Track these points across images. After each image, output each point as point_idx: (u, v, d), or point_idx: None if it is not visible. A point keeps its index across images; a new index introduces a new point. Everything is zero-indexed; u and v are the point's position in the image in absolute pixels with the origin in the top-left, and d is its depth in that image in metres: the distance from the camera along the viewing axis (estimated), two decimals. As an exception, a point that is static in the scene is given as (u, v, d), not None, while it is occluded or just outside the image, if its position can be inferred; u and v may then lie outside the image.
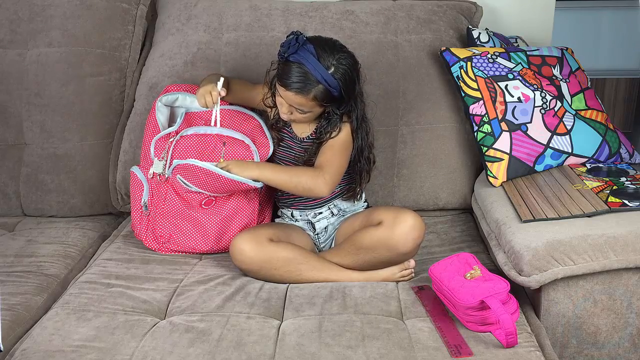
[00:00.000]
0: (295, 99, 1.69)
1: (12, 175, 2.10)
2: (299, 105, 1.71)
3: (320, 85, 1.67)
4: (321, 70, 1.67)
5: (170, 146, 1.82)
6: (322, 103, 1.70)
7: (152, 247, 1.85)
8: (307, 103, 1.70)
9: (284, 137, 1.85)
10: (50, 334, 1.44)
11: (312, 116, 1.76)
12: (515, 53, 2.00)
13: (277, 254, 1.68)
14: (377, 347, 1.38)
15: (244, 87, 1.90)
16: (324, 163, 1.75)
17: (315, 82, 1.67)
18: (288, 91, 1.69)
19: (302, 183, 1.72)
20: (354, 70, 1.72)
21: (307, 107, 1.71)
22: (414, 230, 1.66)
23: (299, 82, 1.67)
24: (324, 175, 1.72)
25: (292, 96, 1.69)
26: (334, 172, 1.74)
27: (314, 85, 1.67)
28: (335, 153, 1.76)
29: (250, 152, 1.82)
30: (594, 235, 1.51)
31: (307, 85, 1.67)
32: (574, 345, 1.58)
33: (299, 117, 1.75)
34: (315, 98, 1.69)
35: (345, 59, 1.70)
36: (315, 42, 1.70)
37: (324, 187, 1.72)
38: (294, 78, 1.67)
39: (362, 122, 1.79)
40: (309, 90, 1.67)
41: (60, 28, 2.12)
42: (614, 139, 1.96)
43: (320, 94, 1.68)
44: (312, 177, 1.72)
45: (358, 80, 1.74)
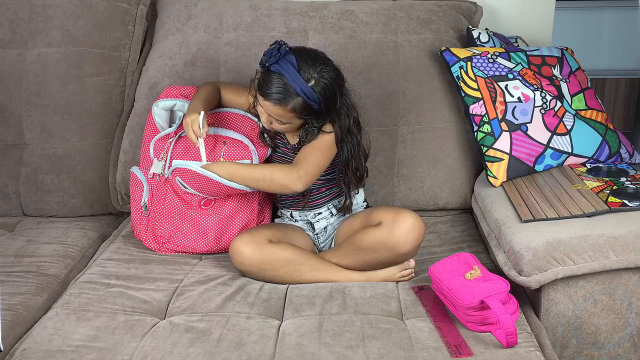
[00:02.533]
0: (274, 109, 1.68)
1: (12, 175, 2.10)
2: (277, 115, 1.70)
3: (299, 97, 1.66)
4: (301, 82, 1.65)
5: (169, 147, 1.82)
6: (300, 115, 1.69)
7: (152, 247, 1.85)
8: (286, 114, 1.69)
9: (278, 144, 1.85)
10: (50, 334, 1.44)
11: (292, 127, 1.75)
12: (515, 53, 2.00)
13: (276, 255, 1.68)
14: (377, 347, 1.38)
15: (236, 94, 1.89)
16: (300, 159, 1.74)
17: (294, 94, 1.65)
18: (267, 101, 1.68)
19: (276, 179, 1.71)
20: (336, 84, 1.70)
21: (285, 118, 1.70)
22: (413, 231, 1.66)
23: (277, 92, 1.66)
24: (298, 170, 1.71)
25: (271, 106, 1.68)
26: (309, 168, 1.72)
27: (293, 97, 1.66)
28: (312, 150, 1.75)
29: (249, 151, 1.82)
30: (594, 235, 1.51)
31: (286, 97, 1.66)
32: (574, 345, 1.58)
33: (279, 127, 1.74)
34: (294, 110, 1.67)
35: (327, 72, 1.69)
36: (297, 53, 1.68)
37: (297, 182, 1.70)
38: (273, 89, 1.66)
39: (349, 134, 1.76)
40: (288, 102, 1.66)
41: (60, 28, 2.12)
42: (614, 139, 1.96)
43: (299, 107, 1.67)
44: (286, 172, 1.72)
45: (340, 94, 1.72)
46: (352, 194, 1.85)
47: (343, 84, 1.74)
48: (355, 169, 1.80)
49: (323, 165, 1.77)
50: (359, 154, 1.81)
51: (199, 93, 1.84)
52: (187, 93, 1.92)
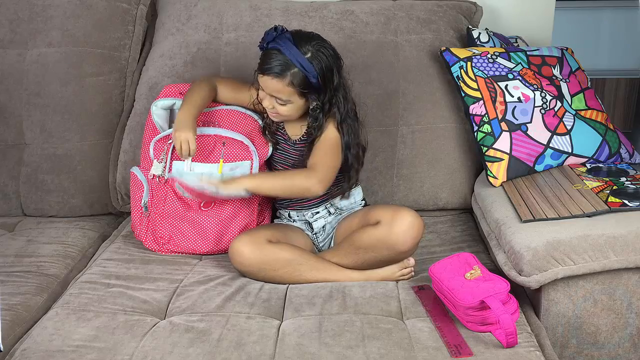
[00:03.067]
0: (273, 84, 1.70)
1: (12, 175, 2.10)
2: (277, 92, 1.71)
3: (296, 69, 1.68)
4: (297, 54, 1.68)
5: (169, 148, 1.82)
6: (299, 89, 1.70)
7: (152, 247, 1.85)
8: (285, 89, 1.70)
9: (279, 140, 1.85)
10: (50, 334, 1.44)
11: (295, 109, 1.75)
12: (515, 53, 2.00)
13: (276, 255, 1.68)
14: (377, 347, 1.38)
15: (235, 90, 1.90)
16: (315, 163, 1.74)
17: (291, 65, 1.68)
18: (265, 75, 1.70)
19: (297, 185, 1.73)
20: (334, 60, 1.73)
21: (285, 94, 1.71)
22: (412, 229, 1.66)
23: (276, 65, 1.68)
24: (316, 174, 1.72)
25: (270, 81, 1.70)
26: (326, 171, 1.74)
27: (291, 68, 1.68)
28: (325, 152, 1.76)
29: (249, 152, 1.82)
30: (594, 235, 1.51)
31: (284, 69, 1.68)
32: (574, 345, 1.58)
33: (282, 110, 1.74)
34: (292, 84, 1.69)
35: (323, 48, 1.72)
36: (294, 32, 1.73)
37: (318, 186, 1.71)
38: (271, 62, 1.69)
39: (347, 117, 1.78)
40: (285, 74, 1.68)
41: (60, 28, 2.12)
42: (614, 139, 1.96)
43: (298, 79, 1.69)
44: (305, 177, 1.73)
45: (338, 72, 1.75)
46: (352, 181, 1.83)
47: (340, 63, 1.76)
48: (356, 155, 1.80)
49: (337, 165, 1.78)
50: (358, 143, 1.81)
51: (191, 96, 1.81)
52: (185, 91, 1.91)
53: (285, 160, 1.85)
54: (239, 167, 1.83)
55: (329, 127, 1.77)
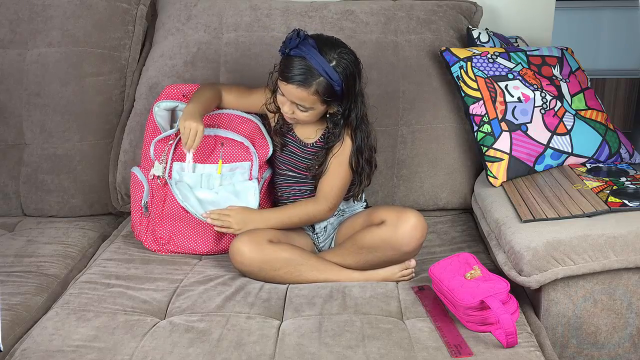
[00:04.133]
0: (297, 92, 1.68)
1: (12, 175, 2.10)
2: (300, 100, 1.69)
3: (322, 78, 1.66)
4: (323, 62, 1.66)
5: (170, 149, 1.82)
6: (323, 98, 1.69)
7: (152, 248, 1.85)
8: (309, 98, 1.69)
9: (288, 142, 1.85)
10: (50, 334, 1.44)
11: (315, 115, 1.75)
12: (515, 53, 2.00)
13: (276, 255, 1.68)
14: (377, 347, 1.37)
15: (241, 96, 1.90)
16: (327, 192, 1.77)
17: (317, 74, 1.66)
18: (289, 84, 1.68)
19: (311, 217, 1.79)
20: (356, 67, 1.72)
21: (308, 102, 1.70)
22: (417, 229, 1.66)
23: (300, 74, 1.66)
24: (326, 203, 1.77)
25: (294, 90, 1.68)
26: (336, 199, 1.78)
27: (316, 77, 1.66)
28: (337, 176, 1.77)
29: (249, 153, 1.82)
30: (594, 235, 1.51)
31: (309, 78, 1.66)
32: (574, 345, 1.58)
33: (301, 116, 1.73)
34: (317, 92, 1.68)
35: (347, 54, 1.71)
36: (316, 37, 1.71)
37: (328, 213, 1.79)
38: (296, 71, 1.66)
39: (362, 122, 1.78)
40: (311, 84, 1.66)
41: (60, 28, 2.12)
42: (614, 139, 1.96)
43: (322, 88, 1.67)
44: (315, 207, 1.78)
45: (359, 78, 1.74)
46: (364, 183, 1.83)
47: (360, 68, 1.75)
48: (367, 159, 1.80)
49: (347, 183, 1.80)
50: (370, 147, 1.81)
51: (199, 95, 1.82)
52: (187, 92, 1.91)
53: (291, 162, 1.85)
54: (238, 167, 1.83)
55: (346, 139, 1.77)
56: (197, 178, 1.82)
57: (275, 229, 1.76)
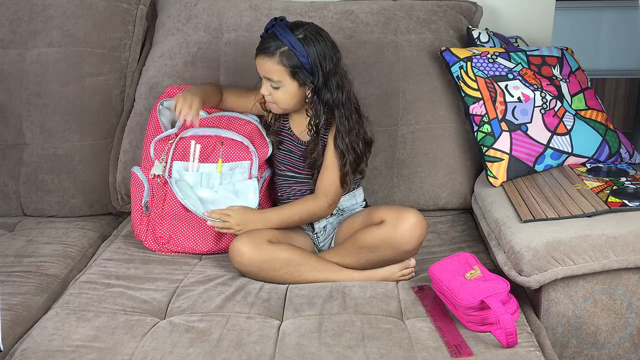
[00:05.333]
0: (264, 63, 1.73)
1: (12, 175, 2.10)
2: (269, 72, 1.73)
3: (285, 47, 1.70)
4: (289, 35, 1.71)
5: (170, 148, 1.82)
6: (290, 69, 1.70)
7: (152, 247, 1.85)
8: (274, 68, 1.71)
9: (284, 140, 1.85)
10: (50, 334, 1.44)
11: (288, 93, 1.74)
12: (515, 53, 2.00)
13: (276, 255, 1.68)
14: (377, 347, 1.37)
15: (240, 96, 1.91)
16: (326, 187, 1.78)
17: (281, 44, 1.71)
18: (258, 57, 1.74)
19: (311, 214, 1.80)
20: (327, 47, 1.73)
21: (275, 74, 1.72)
22: (416, 228, 1.66)
23: (265, 45, 1.72)
24: (325, 199, 1.78)
25: (261, 62, 1.73)
26: (335, 194, 1.79)
27: (280, 47, 1.70)
28: (333, 171, 1.77)
29: (249, 152, 1.83)
30: (594, 235, 1.51)
31: (272, 47, 1.71)
32: (574, 345, 1.58)
33: (276, 95, 1.75)
34: (282, 63, 1.71)
35: (317, 33, 1.74)
36: (293, 21, 1.76)
37: (328, 210, 1.80)
38: (263, 44, 1.73)
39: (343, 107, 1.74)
40: (274, 52, 1.71)
41: (60, 28, 2.12)
42: (614, 139, 1.96)
43: (286, 58, 1.70)
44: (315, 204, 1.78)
45: (332, 60, 1.73)
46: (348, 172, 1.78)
47: (335, 52, 1.75)
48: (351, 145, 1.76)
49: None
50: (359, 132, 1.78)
51: (202, 85, 1.86)
52: None
53: (289, 161, 1.85)
54: (238, 166, 1.83)
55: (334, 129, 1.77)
56: (197, 177, 1.82)
57: (276, 228, 1.76)
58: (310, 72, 1.72)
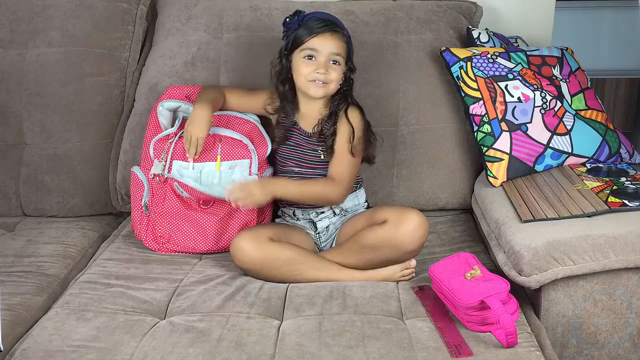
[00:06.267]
0: (335, 41, 1.77)
1: (12, 175, 2.10)
2: (337, 48, 1.77)
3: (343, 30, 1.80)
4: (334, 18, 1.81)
5: (169, 147, 1.82)
6: (348, 49, 1.79)
7: (152, 247, 1.86)
8: (343, 46, 1.78)
9: (292, 135, 1.86)
10: (50, 334, 1.44)
11: (341, 74, 1.80)
12: (515, 53, 2.00)
13: (277, 253, 1.68)
14: (377, 347, 1.38)
15: (242, 97, 1.93)
16: (340, 175, 1.79)
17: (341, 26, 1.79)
18: (326, 34, 1.76)
19: (326, 196, 1.80)
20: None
21: (342, 51, 1.77)
22: (419, 229, 1.66)
23: (331, 23, 1.77)
24: (343, 186, 1.79)
25: (331, 38, 1.77)
26: (348, 181, 1.80)
27: (341, 27, 1.79)
28: (349, 160, 1.79)
29: (248, 151, 1.83)
30: (594, 235, 1.51)
31: (338, 27, 1.78)
32: (574, 345, 1.58)
33: (334, 75, 1.78)
34: (345, 41, 1.79)
35: None
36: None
37: (343, 197, 1.81)
38: (325, 21, 1.77)
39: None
40: (342, 31, 1.80)
41: (60, 28, 2.12)
42: (614, 139, 1.96)
43: (347, 37, 1.80)
44: (332, 188, 1.79)
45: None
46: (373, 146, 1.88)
47: None
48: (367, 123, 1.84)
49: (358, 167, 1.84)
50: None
51: (205, 96, 1.84)
52: (190, 94, 1.92)
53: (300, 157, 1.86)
54: (237, 165, 1.83)
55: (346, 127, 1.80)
56: (196, 175, 1.82)
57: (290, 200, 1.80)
58: (352, 56, 1.83)
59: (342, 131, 1.80)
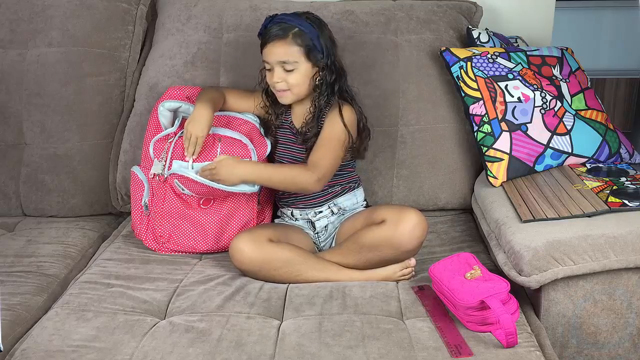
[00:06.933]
0: (278, 48, 1.75)
1: (12, 175, 2.10)
2: (284, 55, 1.75)
3: (296, 28, 1.75)
4: (295, 18, 1.77)
5: (169, 147, 1.82)
6: (305, 48, 1.75)
7: (152, 247, 1.86)
8: (290, 50, 1.75)
9: (286, 134, 1.87)
10: (50, 334, 1.44)
11: (303, 76, 1.78)
12: (515, 53, 2.00)
13: (276, 254, 1.68)
14: (377, 347, 1.38)
15: (241, 97, 1.93)
16: (317, 161, 1.76)
17: (291, 27, 1.75)
18: (269, 44, 1.76)
19: (297, 181, 1.75)
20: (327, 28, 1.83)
21: (291, 55, 1.75)
22: (417, 228, 1.66)
23: (276, 31, 1.75)
24: (317, 172, 1.74)
25: (274, 48, 1.76)
26: (326, 169, 1.76)
27: (291, 29, 1.75)
28: (328, 148, 1.77)
29: (247, 150, 1.83)
30: (594, 235, 1.51)
31: (285, 30, 1.75)
32: (574, 345, 1.58)
33: (292, 80, 1.77)
34: (296, 43, 1.75)
35: (318, 19, 1.83)
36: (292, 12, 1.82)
37: (316, 185, 1.75)
38: (272, 30, 1.76)
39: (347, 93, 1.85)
40: (287, 34, 1.75)
41: (60, 28, 2.12)
42: (614, 139, 1.96)
43: (299, 38, 1.75)
44: (305, 174, 1.74)
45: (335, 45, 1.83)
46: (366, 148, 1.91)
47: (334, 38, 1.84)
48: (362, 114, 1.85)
49: (338, 161, 1.80)
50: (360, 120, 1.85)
51: (206, 96, 1.84)
52: (190, 94, 1.92)
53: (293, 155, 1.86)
54: (237, 165, 1.83)
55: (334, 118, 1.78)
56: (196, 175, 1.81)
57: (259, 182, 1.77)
58: (320, 50, 1.77)
59: (327, 124, 1.79)
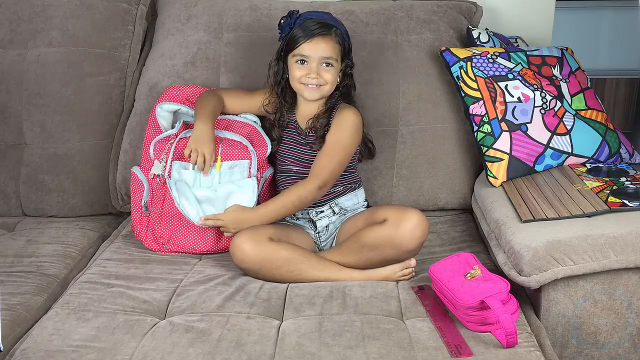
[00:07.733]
0: (323, 44, 1.76)
1: (12, 175, 2.10)
2: (328, 51, 1.76)
3: (335, 27, 1.78)
4: (333, 19, 1.80)
5: (170, 148, 1.82)
6: (342, 48, 1.78)
7: (152, 247, 1.86)
8: (334, 47, 1.77)
9: (291, 133, 1.87)
10: (50, 334, 1.44)
11: (336, 74, 1.80)
12: (515, 53, 2.00)
13: (277, 253, 1.68)
14: (377, 347, 1.38)
15: (240, 97, 1.93)
16: (317, 171, 1.78)
17: (332, 24, 1.77)
18: (314, 39, 1.75)
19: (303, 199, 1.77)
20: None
21: (334, 53, 1.77)
22: (418, 228, 1.66)
23: (321, 26, 1.76)
24: (316, 182, 1.76)
25: (320, 43, 1.76)
26: (328, 177, 1.78)
27: (333, 26, 1.77)
28: (333, 156, 1.78)
29: (248, 152, 1.83)
30: (594, 235, 1.51)
31: (329, 26, 1.77)
32: (574, 345, 1.58)
33: (328, 76, 1.78)
34: (338, 41, 1.78)
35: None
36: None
37: (319, 193, 1.78)
38: (316, 25, 1.76)
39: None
40: (330, 32, 1.76)
41: (60, 28, 2.12)
42: (614, 139, 1.96)
43: (339, 36, 1.79)
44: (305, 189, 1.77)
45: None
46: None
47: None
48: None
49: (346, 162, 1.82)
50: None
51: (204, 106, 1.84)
52: (189, 95, 1.93)
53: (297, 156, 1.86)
54: (237, 165, 1.84)
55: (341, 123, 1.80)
56: (196, 175, 1.82)
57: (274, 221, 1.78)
58: (349, 52, 1.82)
59: (334, 129, 1.80)
